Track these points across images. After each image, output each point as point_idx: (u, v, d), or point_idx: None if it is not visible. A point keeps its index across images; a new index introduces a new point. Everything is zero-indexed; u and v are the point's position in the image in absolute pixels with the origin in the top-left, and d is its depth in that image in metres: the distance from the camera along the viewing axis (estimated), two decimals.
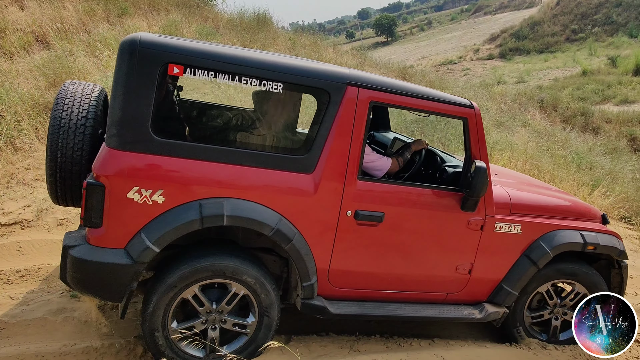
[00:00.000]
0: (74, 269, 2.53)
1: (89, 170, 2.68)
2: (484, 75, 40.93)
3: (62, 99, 2.75)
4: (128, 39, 2.49)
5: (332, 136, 2.79)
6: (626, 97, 26.90)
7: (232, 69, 2.58)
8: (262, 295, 2.83)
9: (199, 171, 2.60)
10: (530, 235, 3.44)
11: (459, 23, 78.95)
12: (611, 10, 47.09)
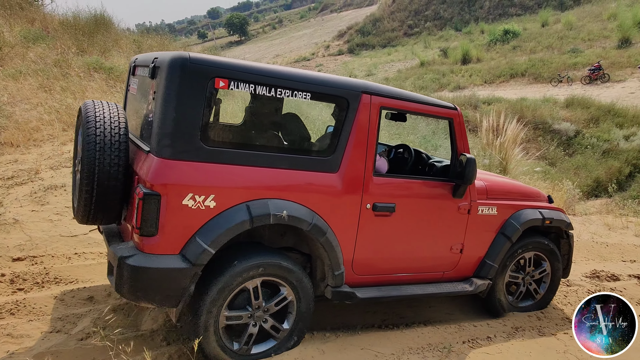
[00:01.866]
0: (132, 278, 2.56)
1: (125, 185, 2.77)
2: (336, 70, 42.92)
3: (92, 118, 2.77)
4: (178, 57, 2.61)
5: (352, 138, 3.08)
6: (458, 84, 30.28)
7: (268, 81, 2.79)
8: (304, 299, 3.04)
9: (244, 175, 2.76)
10: (503, 216, 3.91)
11: (308, 21, 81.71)
12: (438, 6, 52.55)
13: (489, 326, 3.81)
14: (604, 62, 27.03)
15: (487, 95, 24.92)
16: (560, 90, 25.47)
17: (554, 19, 39.59)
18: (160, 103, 2.61)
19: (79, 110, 2.96)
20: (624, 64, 26.84)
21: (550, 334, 3.73)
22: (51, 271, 3.85)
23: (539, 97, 23.57)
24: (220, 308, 2.80)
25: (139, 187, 2.58)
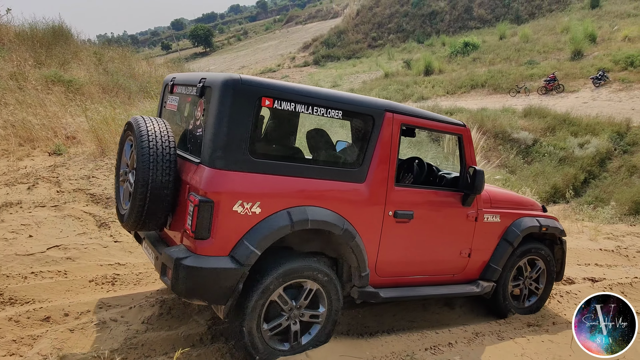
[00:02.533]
0: (187, 277, 2.78)
1: (175, 193, 3.04)
2: (302, 81, 43.14)
3: (144, 133, 3.02)
4: (230, 78, 2.90)
5: (376, 151, 3.39)
6: (421, 95, 30.92)
7: (307, 100, 3.10)
8: (331, 287, 3.27)
9: (285, 185, 3.05)
10: (505, 223, 4.27)
11: (273, 33, 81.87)
12: (401, 19, 53.66)
13: (450, 332, 3.89)
14: (559, 73, 28.18)
15: (450, 105, 25.55)
16: (518, 100, 26.37)
17: (511, 32, 41.04)
18: (212, 119, 2.88)
19: (129, 124, 3.23)
20: (577, 75, 28.04)
21: (509, 338, 3.84)
22: (5, 291, 3.72)
23: (499, 107, 24.32)
24: (259, 319, 3.06)
25: (193, 194, 2.85)
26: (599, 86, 25.85)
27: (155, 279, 4.29)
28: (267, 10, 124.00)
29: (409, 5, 53.95)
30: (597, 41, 32.55)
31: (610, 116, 20.86)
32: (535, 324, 4.18)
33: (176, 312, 3.67)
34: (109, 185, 5.84)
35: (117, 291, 4.03)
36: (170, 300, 3.79)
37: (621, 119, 20.37)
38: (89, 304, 3.71)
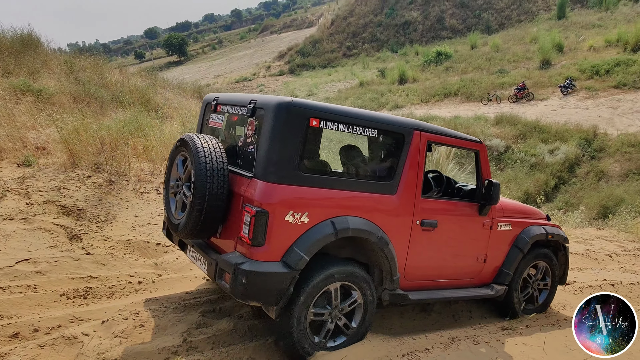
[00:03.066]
0: (244, 281, 3.04)
1: (227, 205, 3.33)
2: (278, 90, 43.18)
3: (200, 150, 3.30)
4: (284, 101, 3.18)
5: (406, 166, 3.71)
6: (396, 103, 31.32)
7: (348, 120, 3.41)
8: (369, 302, 3.58)
9: (329, 197, 3.35)
10: (516, 231, 4.60)
11: (248, 42, 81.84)
12: (375, 29, 54.36)
13: (427, 338, 3.92)
14: (528, 82, 28.92)
15: (424, 113, 25.92)
16: (490, 108, 26.94)
17: (482, 41, 42.00)
18: (267, 137, 3.16)
19: (183, 141, 3.51)
20: (546, 83, 28.83)
21: (484, 342, 3.89)
22: None
23: (471, 115, 24.82)
24: (309, 306, 3.33)
25: (248, 205, 3.14)
26: (567, 94, 26.63)
27: (130, 292, 4.22)
28: (241, 19, 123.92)
29: (382, 15, 54.70)
30: (564, 51, 33.57)
31: (578, 123, 21.51)
32: (509, 328, 4.24)
33: (150, 325, 3.61)
34: (80, 197, 5.72)
35: (89, 305, 3.94)
36: (144, 313, 3.72)
37: (588, 126, 21.01)
38: (59, 319, 3.61)
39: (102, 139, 6.70)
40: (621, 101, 24.30)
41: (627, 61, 27.95)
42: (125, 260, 4.76)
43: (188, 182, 3.48)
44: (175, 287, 4.38)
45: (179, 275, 4.62)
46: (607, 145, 19.54)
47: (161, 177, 6.84)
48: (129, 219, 5.62)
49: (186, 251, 3.82)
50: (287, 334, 3.31)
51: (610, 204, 14.12)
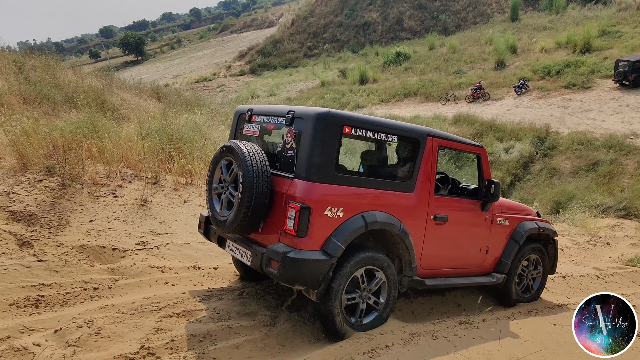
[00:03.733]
0: (291, 267, 3.49)
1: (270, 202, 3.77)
2: (239, 90, 42.74)
3: (247, 156, 3.74)
4: (323, 112, 3.66)
5: (421, 168, 4.23)
6: (357, 103, 31.58)
7: (374, 128, 3.93)
8: (392, 279, 4.03)
9: (359, 194, 3.86)
10: (512, 225, 5.16)
11: (208, 41, 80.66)
12: (335, 29, 54.63)
13: (392, 333, 3.98)
14: (484, 82, 29.76)
15: (384, 113, 26.26)
16: (448, 108, 27.56)
17: (440, 42, 42.91)
18: (307, 142, 3.64)
19: (229, 148, 3.93)
20: (501, 83, 29.75)
21: (443, 337, 3.98)
22: None
23: (431, 115, 25.32)
24: (343, 290, 3.77)
25: (292, 202, 3.58)
26: (521, 94, 27.56)
27: (85, 299, 4.09)
28: (201, 18, 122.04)
29: (342, 16, 55.03)
30: (518, 52, 34.73)
31: (531, 122, 22.29)
32: (467, 322, 4.36)
33: (106, 332, 3.51)
34: (31, 202, 5.49)
35: (42, 314, 3.79)
36: (100, 320, 3.61)
37: (541, 124, 21.82)
38: (9, 330, 3.46)
39: (54, 141, 6.46)
40: (571, 101, 25.36)
41: (576, 62, 29.20)
42: (80, 266, 4.60)
43: (233, 183, 3.93)
44: (133, 293, 4.27)
45: (137, 280, 4.51)
46: (558, 143, 20.34)
47: (117, 180, 6.66)
48: (84, 224, 5.44)
49: (225, 247, 4.29)
50: (328, 315, 3.76)
51: (562, 200, 14.69)
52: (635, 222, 12.94)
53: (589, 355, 3.82)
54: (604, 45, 30.94)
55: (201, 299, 4.25)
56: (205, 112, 13.60)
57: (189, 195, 6.94)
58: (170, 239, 5.50)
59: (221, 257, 5.32)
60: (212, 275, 4.89)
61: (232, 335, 3.71)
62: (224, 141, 10.49)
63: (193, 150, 8.26)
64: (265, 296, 4.52)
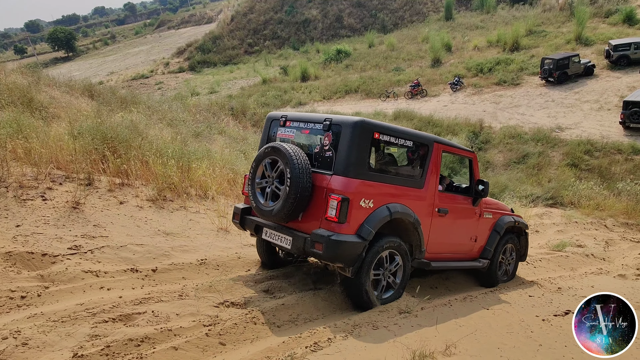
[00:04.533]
0: (333, 248, 4.16)
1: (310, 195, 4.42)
2: (178, 87, 41.60)
3: (293, 156, 4.37)
4: (359, 120, 4.35)
5: (430, 168, 5.04)
6: (299, 100, 31.63)
7: (396, 134, 4.71)
8: (407, 263, 4.79)
9: (385, 189, 4.58)
10: (495, 219, 6.13)
11: (144, 37, 77.87)
12: (276, 26, 54.35)
13: (335, 326, 4.04)
14: (422, 79, 30.68)
15: (326, 110, 26.47)
16: (388, 104, 28.18)
17: (379, 40, 43.75)
18: (345, 145, 4.35)
19: (274, 149, 4.56)
20: (437, 80, 30.78)
21: (383, 327, 4.09)
22: None
23: (371, 111, 25.79)
24: (371, 268, 4.49)
25: (333, 194, 4.27)
26: (456, 91, 28.64)
27: (11, 308, 3.84)
28: (136, 13, 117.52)
29: (282, 13, 54.85)
30: (453, 50, 36.05)
31: (466, 118, 23.22)
32: (406, 311, 4.49)
33: (35, 342, 3.32)
34: None
35: None
36: (28, 330, 3.42)
37: (475, 120, 22.77)
38: None
39: None
40: (502, 97, 26.66)
41: (506, 60, 30.71)
42: (6, 274, 4.32)
43: (278, 178, 4.58)
44: (65, 300, 4.07)
45: (69, 286, 4.30)
46: (492, 137, 21.32)
47: (47, 183, 6.31)
48: (10, 229, 5.12)
49: (262, 234, 4.91)
50: (359, 288, 4.45)
51: (496, 191, 15.42)
52: (560, 210, 13.83)
53: (517, 336, 4.05)
54: (531, 43, 32.75)
55: (139, 302, 4.11)
56: (142, 110, 13.15)
57: (125, 196, 6.69)
58: (106, 242, 5.29)
59: (160, 259, 5.18)
60: (151, 278, 4.75)
61: (171, 337, 3.62)
62: (162, 139, 10.19)
63: (129, 149, 7.95)
64: (206, 295, 4.46)
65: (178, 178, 7.40)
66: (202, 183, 7.83)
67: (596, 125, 21.12)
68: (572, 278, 7.00)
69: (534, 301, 5.36)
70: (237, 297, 4.54)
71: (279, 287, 4.89)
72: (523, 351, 3.79)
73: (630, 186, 14.68)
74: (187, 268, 5.09)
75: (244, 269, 5.43)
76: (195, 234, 6.18)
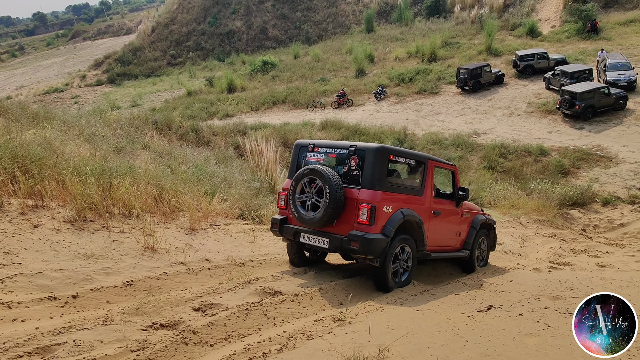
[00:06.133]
0: (366, 244, 5.42)
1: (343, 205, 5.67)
2: (96, 101, 39.58)
3: (329, 176, 5.61)
4: (380, 146, 5.69)
5: (427, 179, 6.38)
6: (226, 112, 31.22)
7: (404, 155, 6.14)
8: (414, 253, 6.07)
9: (399, 197, 5.91)
10: (472, 217, 7.60)
11: (57, 49, 73.49)
12: (199, 37, 53.40)
13: (270, 340, 3.99)
14: (347, 89, 31.41)
15: (254, 121, 26.32)
16: (316, 114, 28.53)
17: (304, 51, 44.28)
18: (370, 165, 5.61)
19: (312, 170, 5.77)
20: (362, 90, 31.65)
21: (318, 337, 4.10)
22: None
23: (299, 122, 25.98)
24: (391, 260, 5.72)
25: (363, 203, 5.50)
26: (380, 100, 29.60)
27: None
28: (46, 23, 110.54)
29: (205, 24, 54.05)
30: (375, 61, 37.28)
31: (391, 125, 24.04)
32: (340, 319, 4.54)
33: None
34: None
35: None
36: None
37: (400, 127, 23.64)
38: None
39: None
40: (423, 105, 27.90)
41: (425, 70, 32.22)
42: None
43: (317, 194, 5.76)
44: None
45: None
46: (415, 143, 22.20)
47: None
48: None
49: (300, 238, 6.06)
50: (384, 275, 5.70)
51: None
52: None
53: (445, 334, 4.23)
54: (447, 54, 34.61)
55: (58, 332, 3.84)
56: (57, 125, 12.36)
57: (39, 218, 6.24)
58: (19, 269, 4.89)
59: (81, 284, 4.87)
60: (71, 305, 4.45)
61: None
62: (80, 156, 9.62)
63: (43, 168, 7.42)
64: (133, 319, 4.25)
65: (99, 197, 7.01)
66: (126, 201, 7.47)
67: (508, 130, 22.65)
68: (493, 274, 7.43)
69: (459, 299, 5.61)
70: (167, 318, 4.36)
71: (211, 305, 4.77)
72: (451, 348, 3.95)
73: (540, 185, 15.87)
74: (112, 292, 4.83)
75: (174, 289, 5.24)
76: (120, 254, 5.88)
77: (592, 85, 22.49)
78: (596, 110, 21.80)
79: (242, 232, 8.14)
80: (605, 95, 21.69)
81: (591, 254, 10.56)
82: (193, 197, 8.66)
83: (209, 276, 5.78)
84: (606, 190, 16.22)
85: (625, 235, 13.27)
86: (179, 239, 6.92)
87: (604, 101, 21.76)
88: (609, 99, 21.73)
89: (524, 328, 4.46)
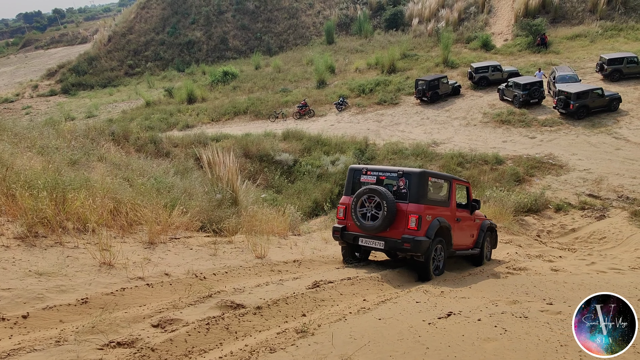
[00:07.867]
0: (416, 244, 7.19)
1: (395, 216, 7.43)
2: (49, 112, 38.21)
3: (386, 193, 7.35)
4: (423, 171, 7.70)
5: (452, 194, 8.27)
6: (187, 123, 30.76)
7: (438, 177, 8.50)
8: (445, 252, 7.95)
9: (435, 208, 7.73)
10: (480, 222, 9.59)
11: (7, 57, 70.62)
12: (158, 47, 52.52)
13: (231, 354, 3.92)
14: (309, 99, 31.56)
15: (215, 132, 26.06)
16: (277, 125, 28.52)
17: (265, 62, 44.27)
18: (415, 185, 7.40)
19: (371, 189, 7.49)
20: (323, 101, 31.87)
21: (280, 349, 4.07)
22: None
23: (261, 132, 25.90)
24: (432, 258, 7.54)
25: (412, 214, 7.29)
26: (342, 110, 29.88)
27: None
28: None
29: (164, 34, 53.25)
30: (336, 72, 37.65)
31: (352, 136, 24.29)
32: (303, 330, 4.52)
33: None
34: None
35: None
36: None
37: (361, 137, 23.90)
38: None
39: None
40: (383, 115, 28.35)
41: (385, 81, 32.79)
42: None
43: (375, 207, 7.40)
44: None
45: None
46: (377, 153, 22.49)
47: None
48: None
49: (359, 242, 7.76)
50: (427, 268, 7.44)
51: None
52: None
53: (407, 342, 4.28)
54: (406, 66, 35.37)
55: (7, 354, 3.66)
56: (7, 137, 11.83)
57: None
58: None
59: (32, 303, 4.65)
60: (21, 325, 4.24)
61: None
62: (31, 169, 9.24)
63: None
64: (88, 338, 4.09)
65: (52, 211, 6.74)
66: (81, 215, 7.21)
67: (465, 139, 23.30)
68: (453, 281, 7.59)
69: (420, 306, 5.69)
70: (124, 335, 4.23)
71: (171, 320, 4.66)
72: (413, 356, 4.00)
73: (496, 193, 16.37)
74: (65, 310, 4.64)
75: (132, 305, 5.08)
76: (74, 271, 5.66)
77: (586, 86, 23.67)
78: (590, 110, 22.88)
79: (203, 244, 8.00)
80: (599, 97, 22.85)
81: (545, 258, 10.97)
82: (152, 210, 8.44)
83: (169, 291, 5.64)
84: (558, 197, 16.90)
85: (576, 240, 13.87)
86: (137, 254, 6.74)
87: (597, 102, 22.90)
88: (603, 100, 22.88)
89: (482, 333, 4.57)
